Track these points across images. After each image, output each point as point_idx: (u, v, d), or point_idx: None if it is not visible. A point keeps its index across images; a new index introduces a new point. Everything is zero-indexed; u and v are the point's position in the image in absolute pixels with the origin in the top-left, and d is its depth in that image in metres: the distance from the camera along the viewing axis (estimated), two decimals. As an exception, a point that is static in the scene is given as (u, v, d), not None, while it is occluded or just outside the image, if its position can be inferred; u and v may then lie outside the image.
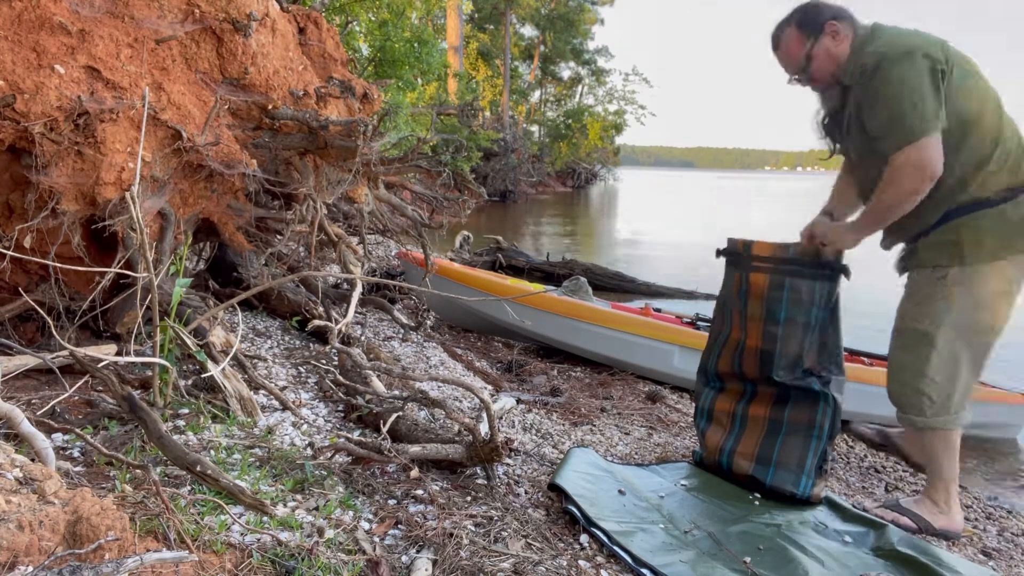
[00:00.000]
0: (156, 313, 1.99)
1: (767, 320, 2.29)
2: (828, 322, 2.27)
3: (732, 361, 2.43)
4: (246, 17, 2.79)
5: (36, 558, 1.05)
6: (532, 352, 4.18)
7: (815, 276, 2.23)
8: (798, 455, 2.21)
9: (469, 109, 5.93)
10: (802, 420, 2.25)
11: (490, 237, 7.78)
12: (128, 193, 1.98)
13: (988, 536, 2.30)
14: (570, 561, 1.60)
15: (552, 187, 29.78)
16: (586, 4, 32.34)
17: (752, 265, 2.33)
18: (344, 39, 5.02)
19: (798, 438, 2.24)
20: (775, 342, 2.27)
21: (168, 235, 2.50)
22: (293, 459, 1.87)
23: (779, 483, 2.19)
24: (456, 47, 19.98)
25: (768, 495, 2.20)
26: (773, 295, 2.27)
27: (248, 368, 2.38)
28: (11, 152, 2.27)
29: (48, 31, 2.22)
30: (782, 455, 2.23)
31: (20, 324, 2.54)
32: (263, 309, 3.62)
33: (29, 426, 1.54)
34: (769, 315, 2.28)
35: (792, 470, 2.20)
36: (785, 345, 2.27)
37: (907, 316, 2.14)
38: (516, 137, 22.73)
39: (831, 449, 2.24)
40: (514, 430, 2.62)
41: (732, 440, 2.35)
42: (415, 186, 4.10)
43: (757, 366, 2.34)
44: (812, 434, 2.22)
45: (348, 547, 1.47)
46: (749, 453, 2.29)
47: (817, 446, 2.21)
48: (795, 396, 2.27)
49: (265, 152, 3.07)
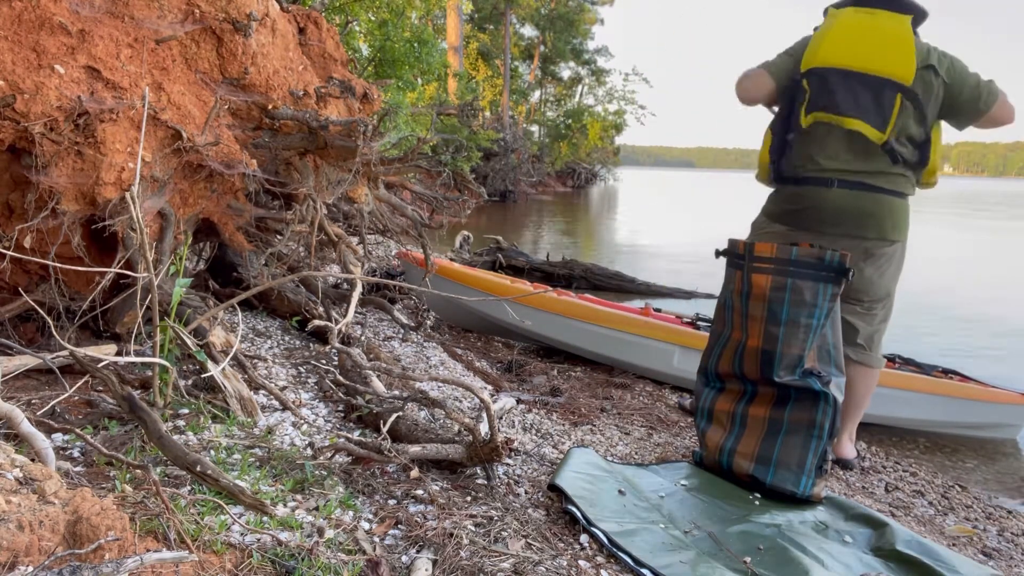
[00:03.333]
0: (156, 313, 1.99)
1: (768, 320, 2.29)
2: (828, 322, 2.27)
3: (733, 362, 2.43)
4: (246, 17, 2.79)
5: (36, 558, 1.05)
6: (532, 352, 4.18)
7: (818, 277, 2.23)
8: (798, 455, 2.22)
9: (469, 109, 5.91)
10: (802, 420, 2.25)
11: (490, 237, 7.78)
12: (128, 193, 1.98)
13: (988, 536, 2.30)
14: (570, 561, 1.60)
15: (552, 187, 29.77)
16: (586, 4, 32.31)
17: (754, 266, 2.34)
18: (344, 39, 5.02)
19: (798, 438, 2.24)
20: (776, 343, 2.28)
21: (168, 235, 2.50)
22: (293, 459, 1.87)
23: (779, 483, 2.20)
24: (456, 47, 19.97)
25: (768, 495, 2.21)
26: (775, 296, 2.27)
27: (248, 368, 2.38)
28: (11, 152, 2.27)
29: (48, 31, 2.22)
30: (782, 455, 2.24)
31: (20, 324, 2.54)
32: (263, 309, 3.62)
33: (29, 426, 1.54)
34: (771, 316, 2.28)
35: (792, 470, 2.21)
36: (787, 346, 2.27)
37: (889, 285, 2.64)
38: (516, 137, 22.71)
39: (831, 449, 2.24)
40: (514, 430, 2.62)
41: (732, 440, 2.35)
42: (415, 186, 4.10)
43: (758, 366, 2.34)
44: (812, 434, 2.22)
45: (348, 547, 1.47)
46: (749, 453, 2.30)
47: (817, 446, 2.21)
48: (795, 396, 2.28)
49: (265, 152, 3.07)
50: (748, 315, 2.35)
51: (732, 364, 2.43)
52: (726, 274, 2.46)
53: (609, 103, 36.36)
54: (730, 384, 2.48)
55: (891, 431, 3.44)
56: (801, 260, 2.25)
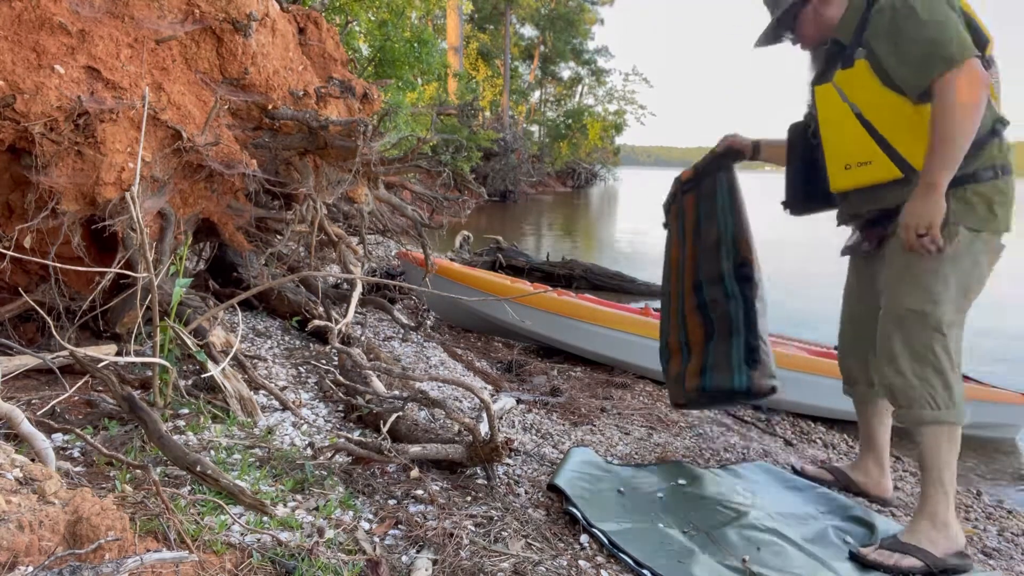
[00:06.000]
0: (156, 313, 1.99)
1: (696, 227, 2.55)
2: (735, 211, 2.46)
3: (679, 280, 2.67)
4: (246, 17, 2.79)
5: (36, 558, 1.05)
6: (532, 352, 4.18)
7: (714, 171, 2.51)
8: (725, 353, 2.36)
9: (469, 109, 5.92)
10: (723, 324, 2.41)
11: (490, 237, 7.78)
12: (128, 193, 1.98)
13: (988, 536, 2.30)
14: (570, 561, 1.60)
15: (552, 187, 29.76)
16: (586, 4, 32.32)
17: (683, 190, 2.65)
18: (344, 39, 5.02)
19: (723, 341, 2.39)
20: (701, 239, 2.51)
21: (168, 235, 2.50)
22: (293, 459, 1.87)
23: (717, 384, 2.34)
24: (456, 47, 19.97)
25: (713, 398, 2.42)
26: (699, 207, 2.55)
27: (248, 368, 2.38)
28: (11, 152, 2.27)
29: (48, 31, 2.22)
30: (715, 359, 2.39)
31: (20, 324, 2.54)
32: (263, 309, 3.62)
33: (29, 426, 1.54)
34: (696, 225, 2.55)
35: (724, 369, 2.34)
36: (706, 237, 2.49)
37: (901, 296, 1.94)
38: (516, 137, 22.71)
39: (762, 341, 2.31)
40: (514, 430, 2.62)
41: (684, 365, 2.57)
42: (415, 186, 4.10)
43: (692, 271, 2.56)
44: (731, 331, 2.36)
45: (348, 547, 1.47)
46: (695, 371, 2.48)
47: (739, 341, 2.33)
48: (711, 307, 2.46)
49: (265, 152, 3.07)
50: (685, 231, 2.61)
51: (679, 283, 2.67)
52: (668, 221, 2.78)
53: (609, 103, 36.41)
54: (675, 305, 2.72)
55: (891, 431, 3.44)
56: (703, 166, 2.56)
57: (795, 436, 3.34)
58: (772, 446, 2.96)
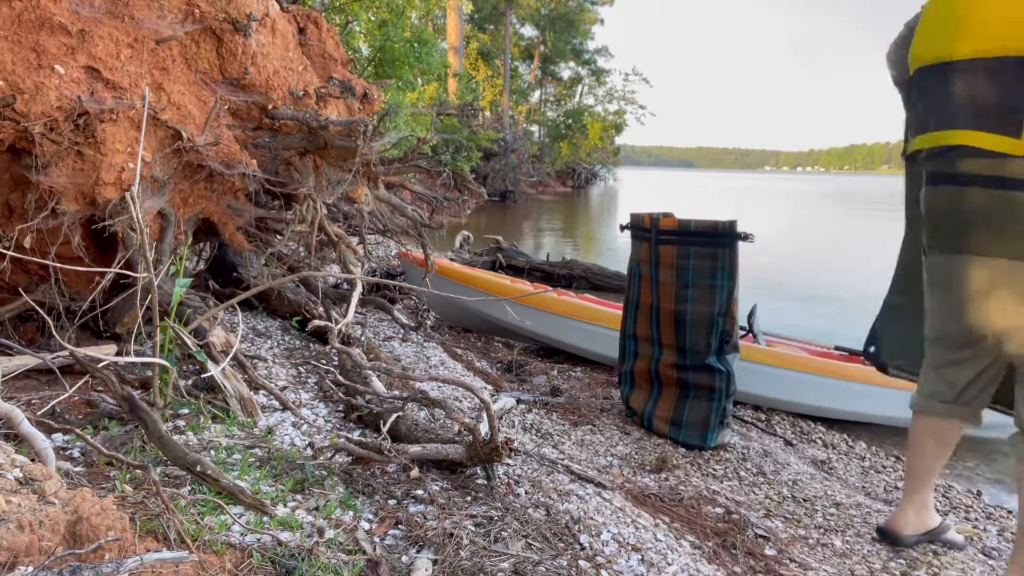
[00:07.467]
0: (156, 313, 1.99)
1: (678, 284, 2.75)
2: (731, 289, 2.68)
3: (649, 324, 2.89)
4: (246, 17, 2.79)
5: (36, 558, 1.05)
6: (532, 352, 4.18)
7: (716, 244, 2.68)
8: (703, 416, 2.73)
9: (469, 109, 5.93)
10: (703, 386, 2.75)
11: (490, 237, 7.78)
12: (128, 193, 1.98)
13: (988, 536, 2.30)
14: (570, 561, 1.60)
15: (552, 187, 29.75)
16: (586, 4, 32.33)
17: (660, 238, 2.80)
18: (344, 39, 5.02)
19: (701, 402, 2.75)
20: (686, 303, 2.74)
21: (168, 235, 2.50)
22: (293, 459, 1.87)
23: (691, 440, 2.73)
24: (456, 47, 19.97)
25: (681, 444, 2.74)
26: (681, 263, 2.74)
27: (248, 368, 2.38)
28: (11, 152, 2.27)
29: (48, 31, 2.21)
30: (690, 417, 2.75)
31: (20, 324, 2.54)
32: (263, 309, 3.61)
33: (29, 426, 1.54)
34: (679, 280, 2.75)
35: (699, 428, 2.72)
36: (696, 305, 2.72)
37: None
38: (516, 137, 22.71)
39: (730, 405, 2.77)
40: (514, 430, 2.62)
41: (651, 404, 2.89)
42: (415, 186, 4.10)
43: (672, 326, 2.80)
44: (712, 398, 2.73)
45: (348, 547, 1.47)
46: (665, 416, 2.82)
47: (718, 407, 2.71)
48: (693, 371, 2.78)
49: (265, 152, 3.07)
50: (659, 281, 2.81)
51: (648, 327, 2.89)
52: (632, 246, 2.94)
53: (609, 103, 36.42)
54: (643, 349, 2.95)
55: (892, 431, 3.44)
56: (700, 231, 2.72)
57: (795, 436, 3.34)
58: (772, 446, 2.96)
